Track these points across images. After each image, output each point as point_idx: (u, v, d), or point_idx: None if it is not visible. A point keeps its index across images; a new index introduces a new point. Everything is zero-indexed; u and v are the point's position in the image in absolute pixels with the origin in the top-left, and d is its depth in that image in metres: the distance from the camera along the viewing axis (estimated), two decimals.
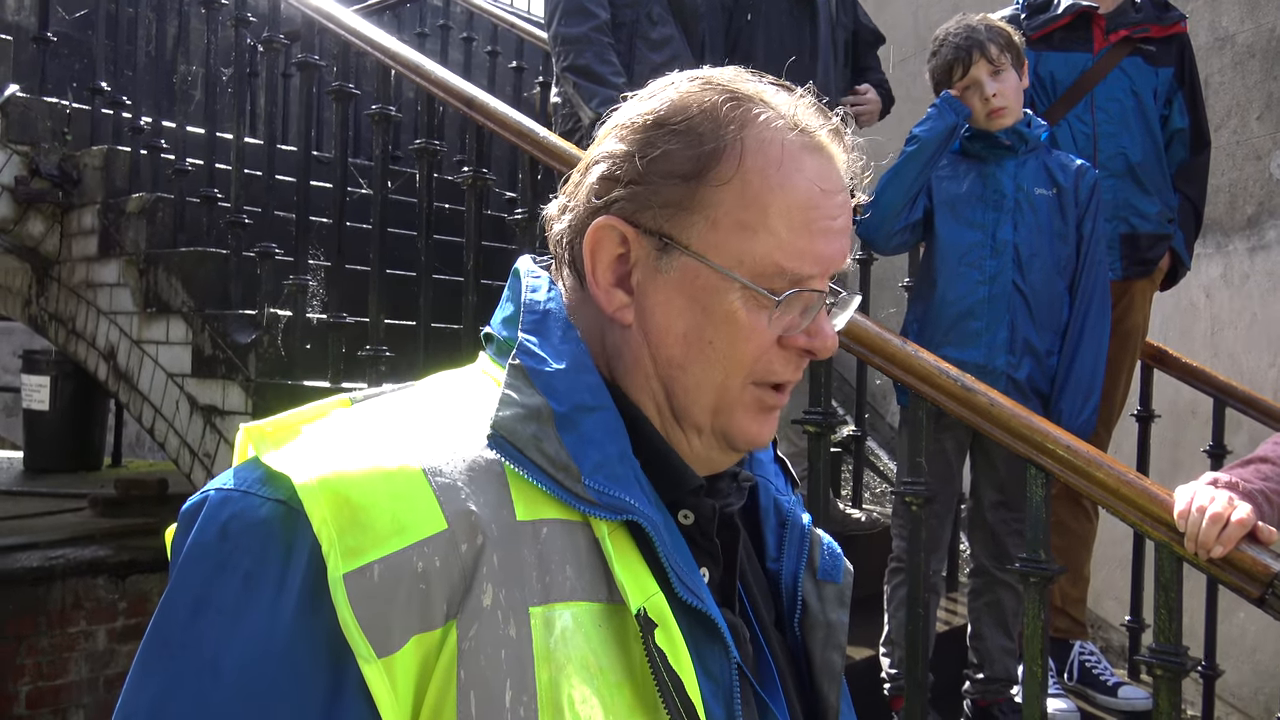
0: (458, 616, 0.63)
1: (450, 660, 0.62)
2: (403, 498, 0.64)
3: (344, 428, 0.70)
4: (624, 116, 0.76)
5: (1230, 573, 1.56)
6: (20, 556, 3.98)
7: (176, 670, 0.62)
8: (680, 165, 0.72)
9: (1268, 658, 3.31)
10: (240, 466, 0.69)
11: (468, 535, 0.64)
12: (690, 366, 0.74)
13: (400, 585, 0.61)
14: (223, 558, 0.64)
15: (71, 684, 4.03)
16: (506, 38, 5.19)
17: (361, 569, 0.61)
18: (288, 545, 0.63)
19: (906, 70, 4.97)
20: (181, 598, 0.64)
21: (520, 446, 0.68)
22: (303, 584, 0.62)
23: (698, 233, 0.72)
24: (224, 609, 0.63)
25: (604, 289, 0.74)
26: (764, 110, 0.74)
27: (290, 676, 0.61)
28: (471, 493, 0.65)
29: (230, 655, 0.62)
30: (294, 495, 0.63)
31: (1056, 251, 2.37)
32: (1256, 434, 2.82)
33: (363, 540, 0.62)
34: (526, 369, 0.71)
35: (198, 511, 0.67)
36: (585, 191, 0.76)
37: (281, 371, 3.14)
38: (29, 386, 6.03)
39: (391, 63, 2.94)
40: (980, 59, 2.34)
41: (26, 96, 4.18)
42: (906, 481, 2.07)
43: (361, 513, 0.62)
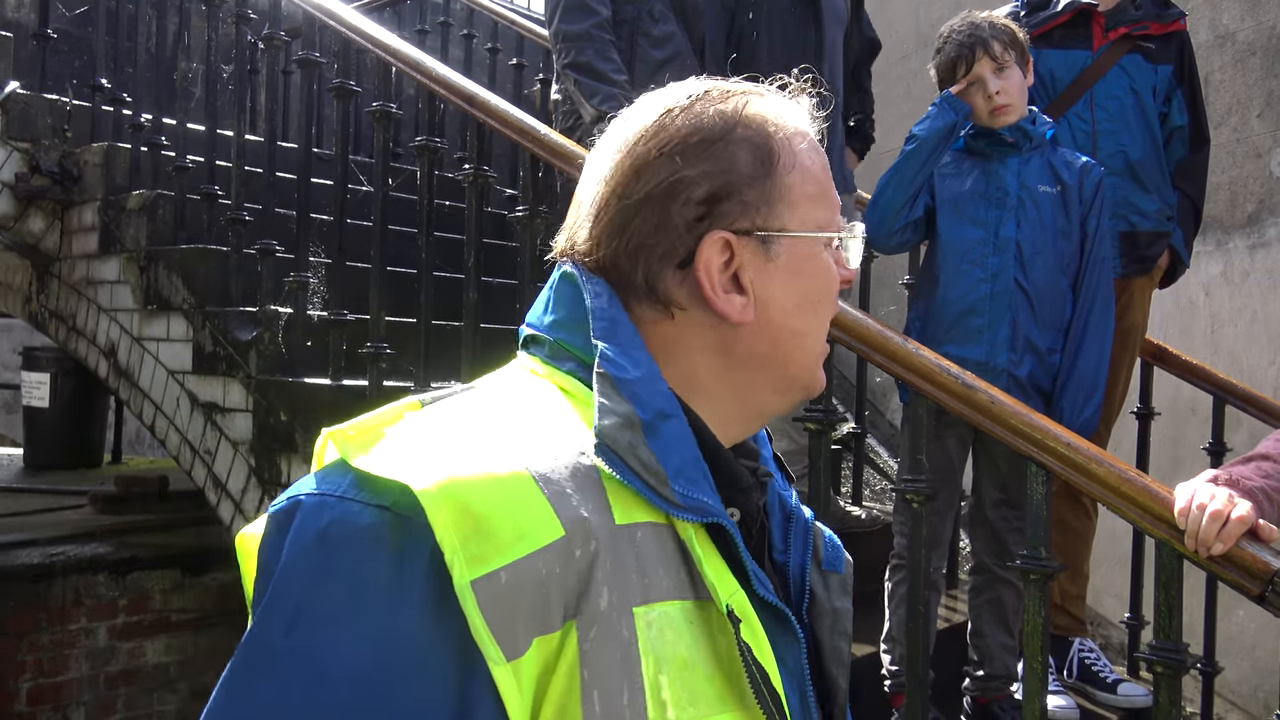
0: (577, 619, 0.65)
1: (572, 662, 0.64)
2: (520, 505, 0.65)
3: (431, 432, 0.70)
4: (661, 143, 0.78)
5: (1230, 570, 1.56)
6: (20, 553, 3.98)
7: (282, 682, 0.62)
8: (754, 167, 0.78)
9: (1267, 655, 3.32)
10: (328, 471, 0.69)
11: (582, 541, 0.66)
12: (811, 330, 0.82)
13: (525, 591, 0.63)
14: (324, 565, 0.63)
15: (72, 681, 4.03)
16: (507, 35, 5.19)
17: (489, 575, 0.62)
18: (398, 552, 0.63)
19: (907, 67, 4.98)
20: (281, 606, 0.64)
21: (621, 454, 0.70)
22: (422, 591, 0.62)
23: (787, 216, 0.80)
24: (329, 618, 0.62)
25: (724, 298, 0.78)
26: (766, 98, 0.82)
27: (413, 682, 0.62)
28: (580, 499, 0.67)
29: (340, 663, 0.61)
30: (399, 501, 0.64)
31: (1060, 249, 2.37)
32: (1256, 431, 2.82)
33: (486, 548, 0.63)
34: (613, 378, 0.73)
35: (289, 517, 0.66)
36: (673, 222, 0.77)
37: (282, 368, 3.14)
38: (29, 383, 6.03)
39: (392, 60, 2.94)
40: (984, 56, 2.34)
41: (27, 93, 4.18)
42: (908, 479, 2.07)
43: (483, 520, 0.63)
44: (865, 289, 3.48)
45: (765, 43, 2.84)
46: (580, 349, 0.77)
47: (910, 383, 2.02)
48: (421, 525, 0.63)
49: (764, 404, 0.83)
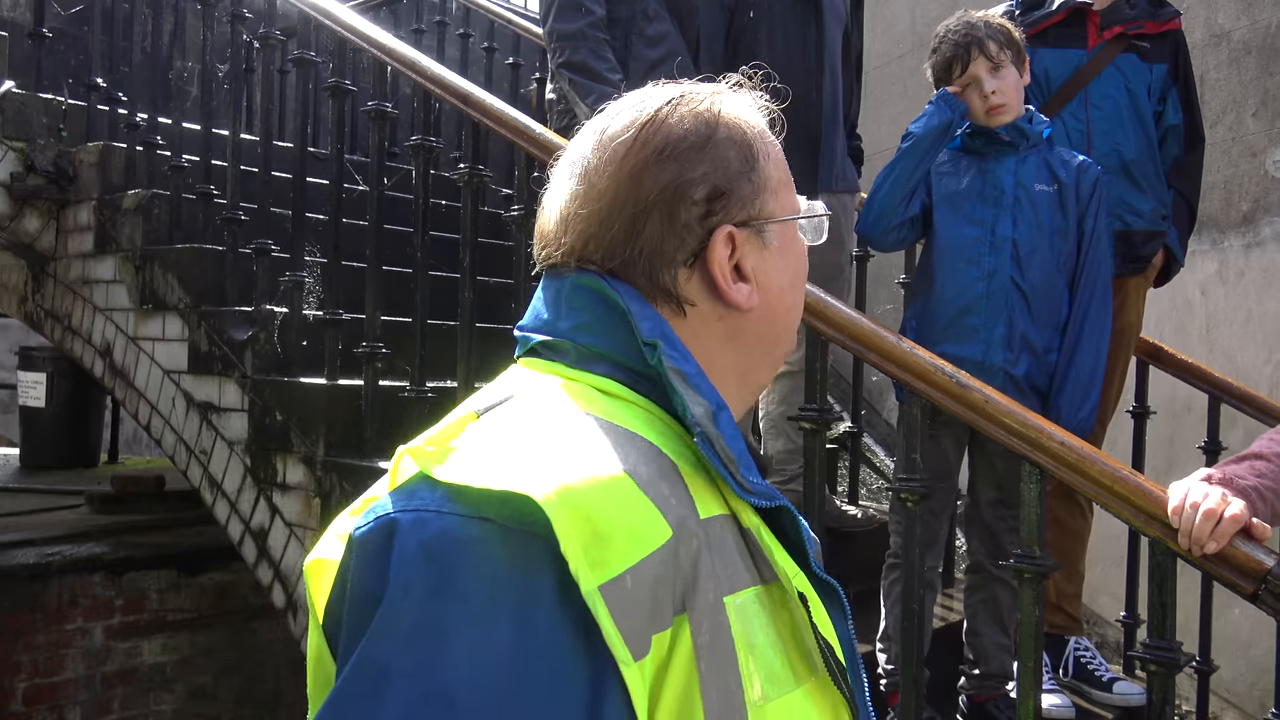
0: (688, 614, 0.66)
1: (687, 656, 0.66)
2: (630, 508, 0.66)
3: (508, 441, 0.70)
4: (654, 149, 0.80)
5: (1224, 569, 1.56)
6: (16, 553, 3.97)
7: (404, 703, 0.60)
8: (741, 163, 0.83)
9: (1262, 653, 3.32)
10: (413, 487, 0.68)
11: (686, 539, 0.68)
12: (797, 305, 0.89)
13: (645, 592, 0.64)
14: (434, 582, 0.63)
15: (68, 681, 4.03)
16: (503, 34, 5.19)
17: (614, 580, 0.63)
18: (511, 562, 0.63)
19: (904, 66, 4.98)
20: (394, 626, 0.62)
21: (713, 443, 0.74)
22: (544, 600, 0.63)
23: (771, 204, 0.85)
24: (446, 633, 0.61)
25: (733, 288, 0.82)
26: (730, 97, 0.87)
27: (545, 691, 0.62)
28: (674, 498, 0.70)
29: (463, 680, 0.61)
30: (501, 512, 0.64)
31: (1056, 248, 2.36)
32: (1252, 430, 2.82)
33: (607, 553, 0.64)
34: (683, 373, 0.76)
35: (385, 536, 0.65)
36: (678, 222, 0.80)
37: (278, 368, 3.14)
38: (25, 383, 6.02)
39: (388, 59, 2.93)
40: (979, 56, 2.35)
41: (22, 92, 4.17)
42: (902, 478, 2.07)
43: (601, 525, 0.64)
44: (861, 287, 3.48)
45: (765, 41, 2.84)
46: (614, 351, 0.78)
47: (905, 382, 2.02)
48: (535, 535, 0.63)
49: (760, 381, 0.89)
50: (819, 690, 0.75)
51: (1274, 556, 1.53)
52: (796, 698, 0.72)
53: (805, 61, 2.86)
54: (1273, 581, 1.51)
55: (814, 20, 2.88)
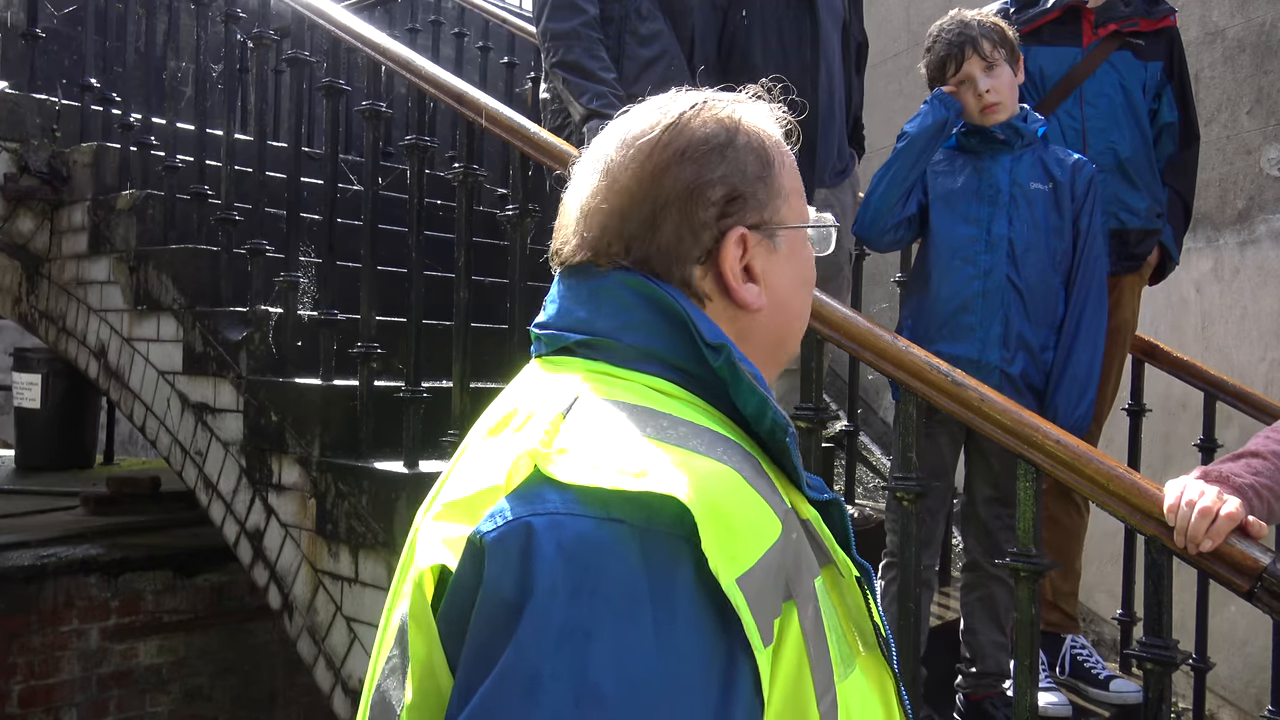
0: (795, 599, 0.71)
1: (797, 637, 0.70)
2: (750, 505, 0.71)
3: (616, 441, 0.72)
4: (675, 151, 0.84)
5: (1219, 566, 1.56)
6: (11, 555, 3.96)
7: (556, 703, 0.62)
8: (758, 169, 0.87)
9: (1258, 650, 3.33)
10: (537, 489, 0.69)
11: (789, 530, 0.73)
12: (803, 311, 0.92)
13: (769, 581, 0.69)
14: (576, 583, 0.64)
15: (64, 683, 4.02)
16: (498, 33, 5.18)
17: (748, 573, 0.67)
18: (648, 561, 0.65)
19: (899, 65, 4.98)
20: (542, 629, 0.64)
21: (790, 444, 0.80)
22: (685, 595, 0.66)
23: (784, 210, 0.89)
24: (592, 633, 0.63)
25: (742, 288, 0.85)
26: (750, 106, 0.91)
27: (689, 681, 0.65)
28: (773, 493, 0.74)
29: (611, 676, 0.63)
30: (631, 511, 0.66)
31: (1052, 246, 2.37)
32: (1247, 428, 2.83)
33: (737, 547, 0.67)
34: (752, 374, 0.80)
35: (520, 540, 0.66)
36: (694, 221, 0.84)
37: (273, 368, 3.13)
38: (20, 384, 6.00)
39: (382, 59, 2.93)
40: (973, 55, 2.35)
41: (15, 93, 4.16)
42: (898, 476, 2.07)
43: (730, 522, 0.68)
44: (857, 286, 3.48)
45: (760, 38, 2.83)
46: (665, 352, 0.81)
47: (900, 380, 2.02)
48: (667, 533, 0.66)
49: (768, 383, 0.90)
50: (870, 664, 0.81)
51: (1270, 554, 1.53)
52: (857, 673, 0.78)
53: (800, 58, 2.85)
54: (1268, 579, 1.51)
55: (809, 17, 2.87)
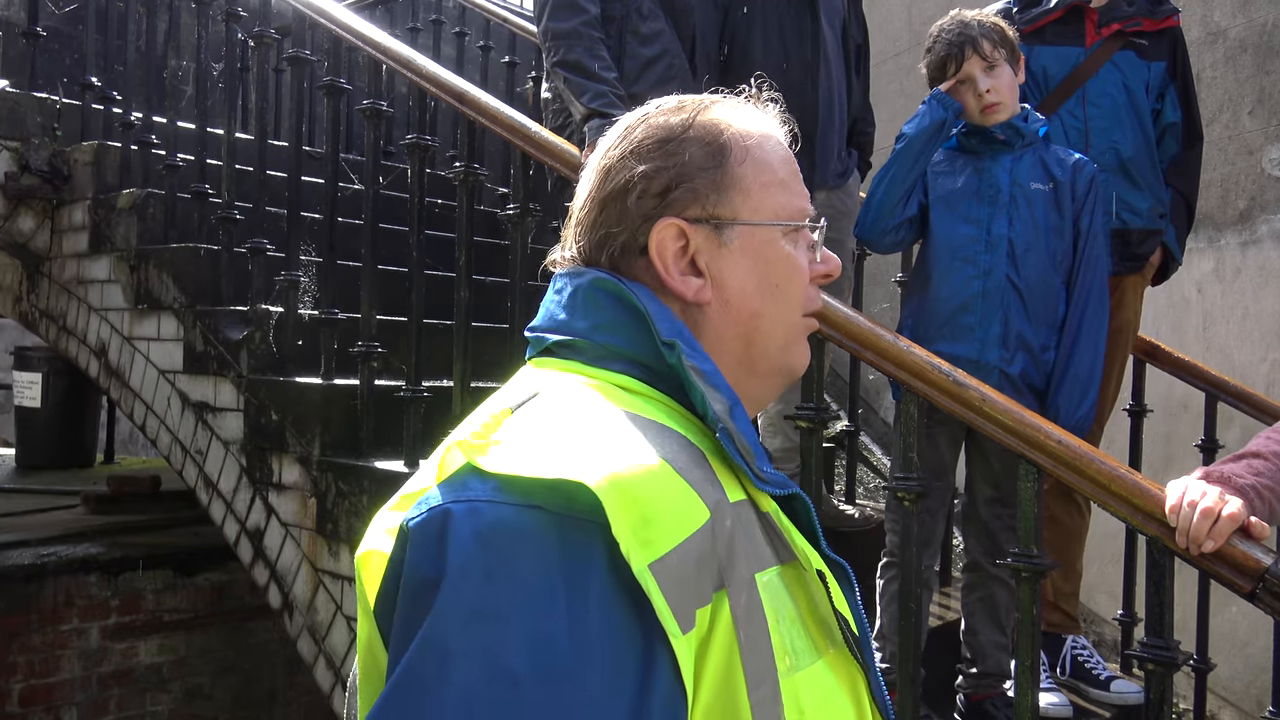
0: (727, 588, 0.71)
1: (728, 627, 0.70)
2: (672, 493, 0.71)
3: (548, 433, 0.74)
4: (623, 148, 0.87)
5: (1221, 567, 1.56)
6: (12, 554, 3.96)
7: (465, 683, 0.63)
8: (704, 160, 0.86)
9: (1259, 651, 3.32)
10: (463, 478, 0.71)
11: (721, 520, 0.72)
12: (768, 312, 0.88)
13: (689, 568, 0.69)
14: (490, 567, 0.66)
15: (64, 682, 4.02)
16: (499, 33, 5.18)
17: (662, 559, 0.67)
18: (563, 547, 0.67)
19: (900, 64, 4.97)
20: (454, 610, 0.65)
21: (732, 437, 0.79)
22: (601, 581, 0.66)
23: (739, 204, 0.86)
24: (504, 616, 0.65)
25: (679, 279, 0.85)
26: (725, 103, 0.90)
27: (601, 666, 0.65)
28: (709, 483, 0.74)
29: (523, 658, 0.64)
30: (550, 499, 0.67)
31: (1052, 246, 2.36)
32: (1249, 429, 2.83)
33: (654, 534, 0.68)
34: (703, 372, 0.80)
35: (441, 526, 0.68)
36: (630, 213, 0.86)
37: (273, 368, 3.13)
38: (20, 383, 6.00)
39: (383, 58, 2.93)
40: (973, 55, 2.35)
41: (16, 91, 4.16)
42: (899, 476, 2.06)
43: (646, 509, 0.68)
44: (858, 286, 3.48)
45: (761, 36, 2.83)
46: (630, 349, 0.82)
47: (901, 380, 2.02)
48: (584, 520, 0.67)
49: (744, 389, 0.88)
50: (838, 661, 0.80)
51: (1272, 555, 1.53)
52: (819, 668, 0.78)
53: (800, 57, 2.85)
54: (1270, 580, 1.51)
55: (809, 15, 2.87)
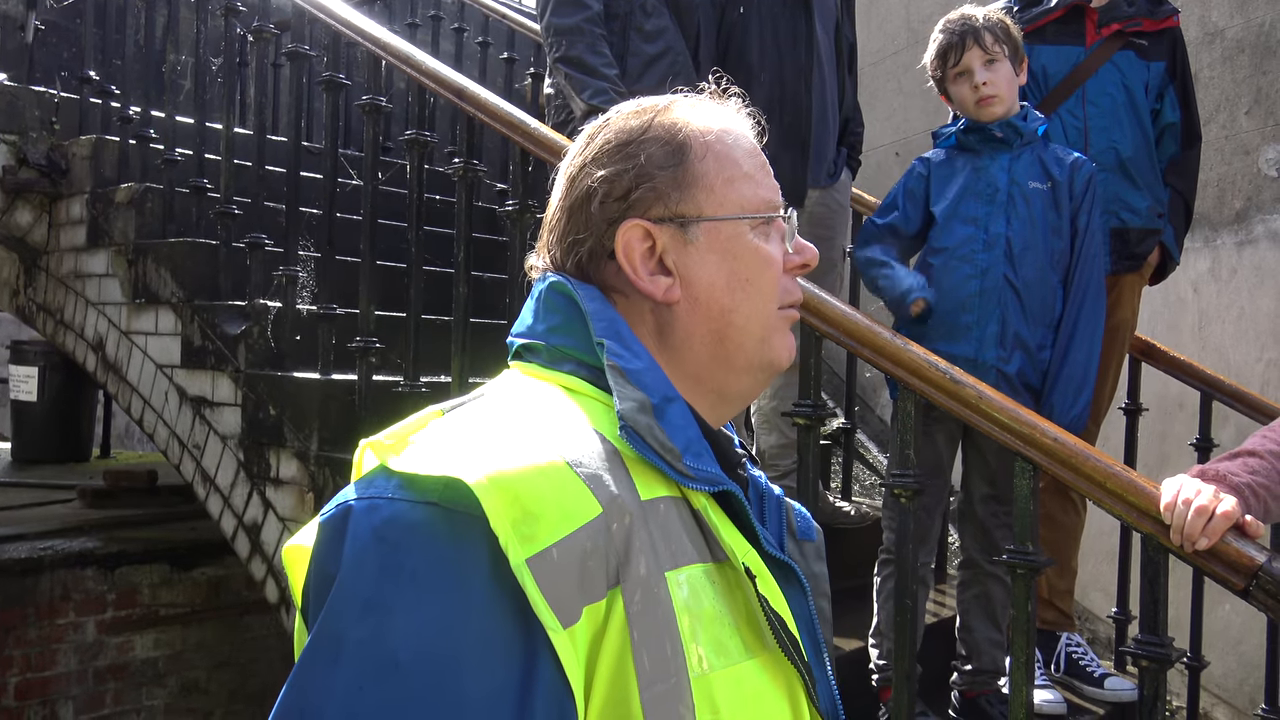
0: (621, 585, 0.71)
1: (621, 624, 0.70)
2: (560, 489, 0.71)
3: (461, 434, 0.76)
4: (585, 155, 0.89)
5: (1215, 565, 1.57)
6: (8, 548, 3.96)
7: (355, 670, 0.66)
8: (664, 159, 0.86)
9: (1253, 649, 3.34)
10: (372, 477, 0.73)
11: (618, 516, 0.72)
12: (740, 307, 0.87)
13: (574, 564, 0.69)
14: (383, 560, 0.68)
15: (60, 675, 4.02)
16: (498, 29, 5.18)
17: (541, 553, 0.68)
18: (453, 542, 0.68)
19: (898, 63, 4.98)
20: (346, 603, 0.68)
21: (641, 434, 0.78)
22: (483, 575, 0.67)
23: (703, 200, 0.87)
24: (393, 608, 0.67)
25: (648, 279, 0.86)
26: (684, 102, 0.91)
27: (479, 658, 0.66)
28: (610, 479, 0.74)
29: (408, 649, 0.66)
30: (445, 496, 0.69)
31: (1050, 245, 2.37)
32: (1244, 427, 2.83)
33: (535, 529, 0.68)
34: (623, 369, 0.80)
35: (343, 522, 0.71)
36: (594, 219, 0.87)
37: (271, 363, 3.13)
38: (17, 377, 6.00)
39: (382, 53, 2.93)
40: (974, 46, 2.36)
41: (14, 85, 4.15)
42: (896, 474, 2.07)
43: (529, 505, 0.69)
44: (855, 283, 3.48)
45: (756, 35, 2.84)
46: (578, 350, 0.84)
47: (898, 378, 2.03)
48: (472, 516, 0.68)
49: (721, 385, 0.89)
50: (774, 664, 0.79)
51: (1265, 553, 1.54)
52: (747, 669, 0.77)
53: (795, 57, 2.85)
54: (1264, 578, 1.52)
55: (804, 16, 2.87)
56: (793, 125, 2.85)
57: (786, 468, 3.01)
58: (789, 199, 2.90)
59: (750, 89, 2.79)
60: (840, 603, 3.07)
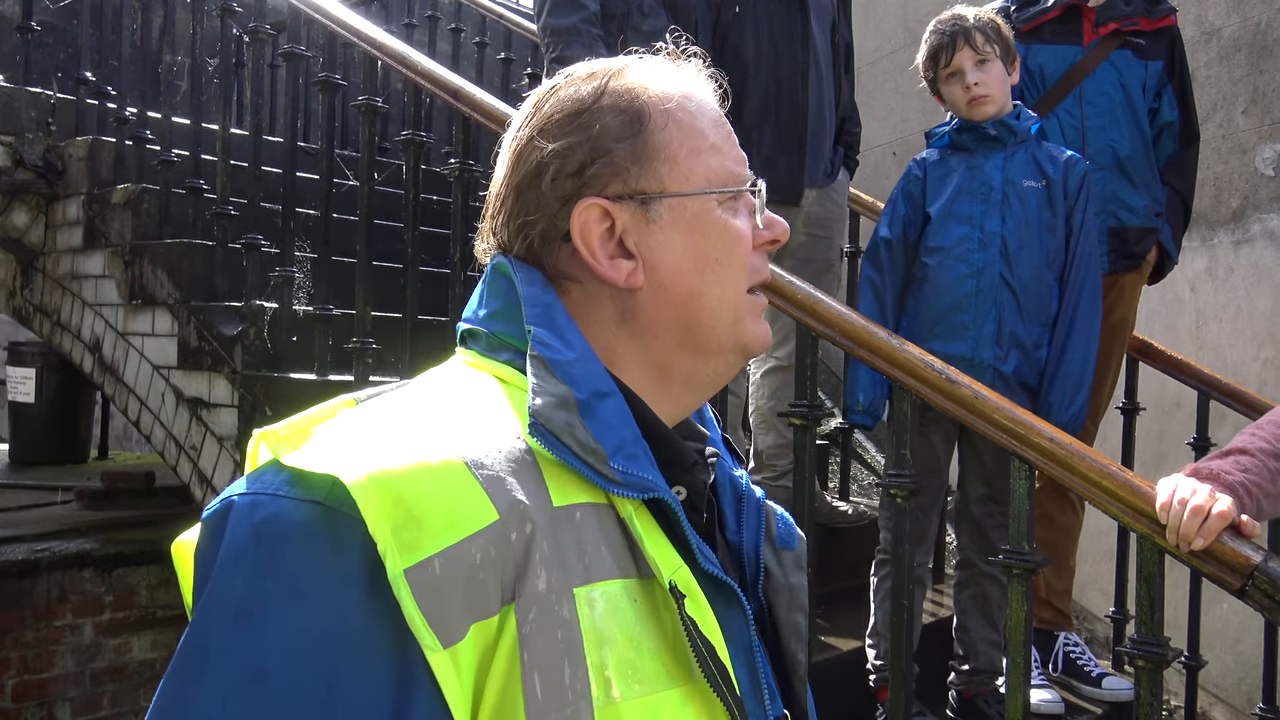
0: (515, 601, 0.64)
1: (512, 644, 0.64)
2: (452, 491, 0.64)
3: (363, 427, 0.70)
4: (533, 127, 0.80)
5: (1211, 564, 1.57)
6: (5, 549, 3.95)
7: (221, 681, 0.61)
8: (621, 129, 0.79)
9: (1251, 648, 3.34)
10: (261, 470, 0.68)
11: (518, 524, 0.65)
12: (709, 289, 0.80)
13: (460, 577, 0.62)
14: (259, 562, 0.63)
15: (58, 677, 4.02)
16: (495, 29, 5.18)
17: (422, 564, 0.61)
18: (332, 545, 0.62)
19: (895, 62, 4.98)
20: (218, 606, 0.63)
21: (557, 433, 0.70)
22: (356, 582, 0.62)
23: (665, 174, 0.79)
24: (267, 613, 0.61)
25: (608, 263, 0.78)
26: (639, 65, 0.82)
27: (351, 674, 0.61)
28: (515, 483, 0.67)
29: (277, 659, 0.61)
30: (330, 494, 0.63)
31: (1045, 244, 2.37)
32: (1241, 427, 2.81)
33: (419, 535, 0.62)
34: (546, 360, 0.73)
35: (224, 518, 0.65)
36: (546, 198, 0.79)
37: (268, 364, 3.13)
38: (14, 379, 5.99)
39: (378, 54, 2.92)
40: (965, 46, 2.36)
41: (10, 86, 4.15)
42: (892, 473, 2.07)
43: (414, 508, 0.63)
44: (852, 283, 3.48)
45: (752, 34, 2.83)
46: (516, 338, 0.77)
47: (894, 378, 2.03)
48: (353, 517, 0.62)
49: (690, 372, 0.81)
50: (699, 695, 0.70)
51: (1261, 552, 1.54)
52: (668, 699, 0.69)
53: (791, 56, 2.85)
54: (1260, 577, 1.52)
55: (799, 15, 2.87)
56: (790, 124, 2.85)
57: (784, 468, 3.01)
58: (786, 198, 2.91)
59: (746, 88, 2.82)
60: (838, 602, 3.07)
